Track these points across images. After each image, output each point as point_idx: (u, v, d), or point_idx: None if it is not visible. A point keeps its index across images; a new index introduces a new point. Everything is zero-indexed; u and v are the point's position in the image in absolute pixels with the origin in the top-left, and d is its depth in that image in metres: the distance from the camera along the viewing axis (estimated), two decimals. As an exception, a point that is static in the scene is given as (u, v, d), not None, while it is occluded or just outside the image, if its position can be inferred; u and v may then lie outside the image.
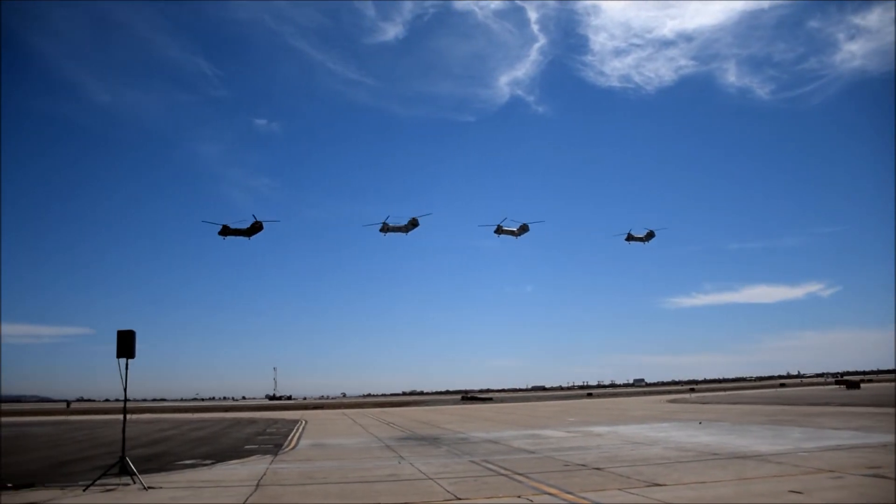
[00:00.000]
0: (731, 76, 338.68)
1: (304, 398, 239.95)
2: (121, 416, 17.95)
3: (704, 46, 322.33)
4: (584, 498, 12.53)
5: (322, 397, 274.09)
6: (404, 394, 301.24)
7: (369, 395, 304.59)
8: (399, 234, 59.00)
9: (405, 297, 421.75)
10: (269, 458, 22.13)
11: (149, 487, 14.98)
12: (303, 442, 28.94)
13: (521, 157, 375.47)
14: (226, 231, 54.24)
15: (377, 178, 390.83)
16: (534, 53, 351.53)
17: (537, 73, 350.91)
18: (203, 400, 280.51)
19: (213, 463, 20.95)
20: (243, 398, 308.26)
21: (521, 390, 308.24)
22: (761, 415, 36.98)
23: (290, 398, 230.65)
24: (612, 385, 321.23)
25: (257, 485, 15.43)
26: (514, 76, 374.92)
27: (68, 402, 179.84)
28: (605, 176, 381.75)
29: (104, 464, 19.32)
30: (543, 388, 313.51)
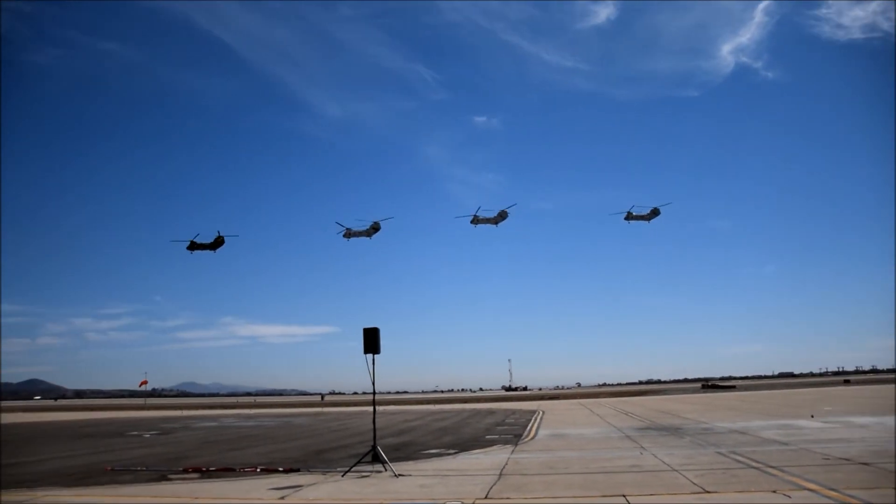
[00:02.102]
0: None
1: (540, 388, 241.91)
2: (368, 408, 18.98)
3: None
4: (851, 496, 11.34)
5: (557, 387, 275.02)
6: (640, 383, 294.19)
7: (605, 385, 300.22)
8: (363, 237, 58.76)
9: (639, 284, 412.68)
10: (509, 447, 22.43)
11: (399, 475, 15.71)
12: (542, 432, 29.06)
13: (754, 126, 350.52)
14: (193, 246, 57.13)
15: (602, 163, 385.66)
16: (758, 15, 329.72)
17: (764, 35, 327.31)
18: (442, 391, 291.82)
19: (456, 452, 21.61)
20: (480, 389, 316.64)
21: (766, 377, 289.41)
22: None
23: (525, 388, 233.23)
24: (874, 370, 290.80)
25: (500, 474, 15.64)
26: (737, 43, 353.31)
27: (322, 395, 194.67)
28: (851, 139, 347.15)
29: (357, 452, 20.59)
30: (792, 375, 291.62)
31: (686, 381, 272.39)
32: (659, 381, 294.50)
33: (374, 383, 17.40)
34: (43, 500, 13.60)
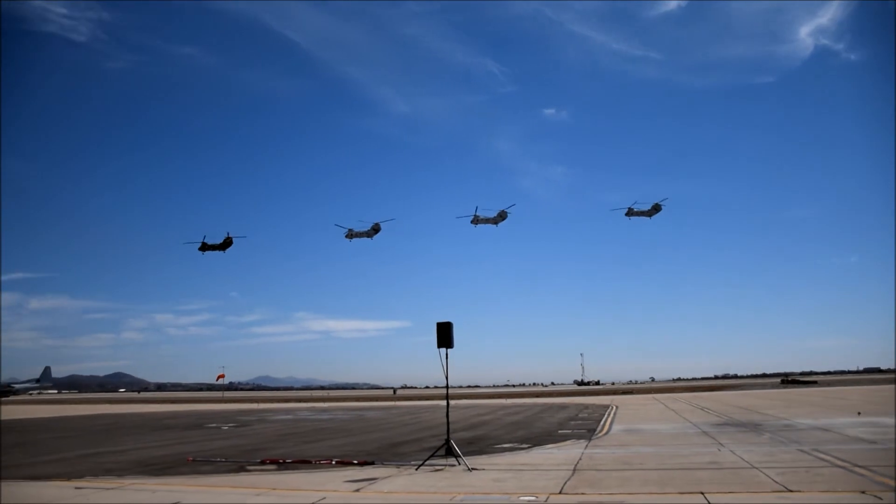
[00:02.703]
0: None
1: (612, 383, 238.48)
2: (440, 402, 19.07)
3: None
4: (949, 495, 10.84)
5: (630, 382, 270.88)
6: (716, 377, 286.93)
7: (679, 380, 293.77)
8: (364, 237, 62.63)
9: (715, 276, 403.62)
10: (583, 442, 22.24)
11: (472, 469, 15.74)
12: (615, 427, 28.71)
13: (836, 111, 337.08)
14: (204, 247, 60.53)
15: (674, 153, 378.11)
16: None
17: (844, 15, 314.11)
18: (514, 386, 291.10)
19: (529, 447, 21.53)
20: (552, 384, 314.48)
21: (850, 373, 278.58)
22: None
23: (598, 383, 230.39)
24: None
25: (574, 469, 15.51)
26: (816, 24, 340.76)
27: (394, 389, 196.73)
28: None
29: (430, 446, 20.71)
30: (878, 370, 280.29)
31: (764, 375, 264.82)
32: (735, 376, 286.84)
33: (447, 377, 17.48)
34: (130, 488, 14.13)
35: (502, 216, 60.22)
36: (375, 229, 62.29)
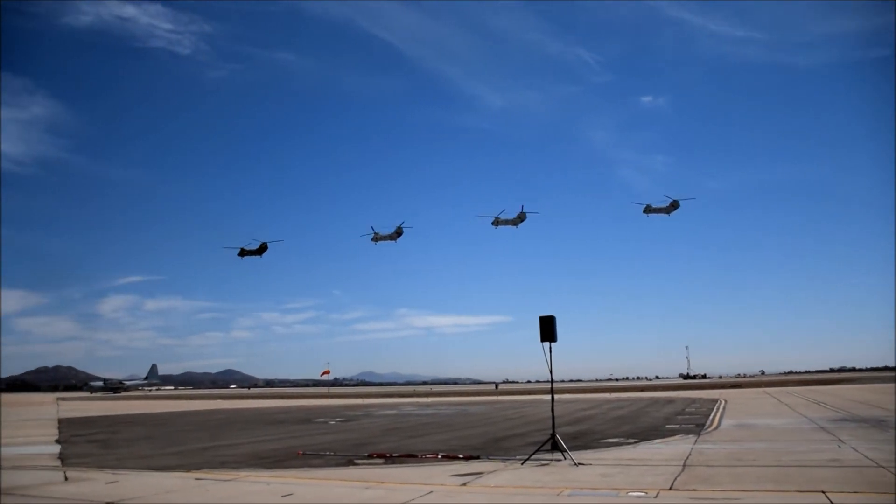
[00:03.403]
0: None
1: (720, 377, 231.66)
2: (542, 396, 18.97)
3: None
4: None
5: (738, 375, 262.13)
6: (832, 370, 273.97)
7: (791, 373, 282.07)
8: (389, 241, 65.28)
9: (826, 263, 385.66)
10: (691, 437, 21.67)
11: (579, 463, 15.59)
12: (725, 422, 27.86)
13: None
14: (242, 252, 64.55)
15: (781, 136, 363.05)
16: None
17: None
18: (617, 380, 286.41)
19: (636, 442, 21.15)
20: (656, 377, 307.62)
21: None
22: None
23: (704, 376, 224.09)
24: None
25: (684, 465, 15.13)
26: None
27: (496, 384, 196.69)
28: None
29: (535, 440, 20.63)
30: None
31: (886, 368, 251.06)
32: (853, 369, 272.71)
33: (551, 371, 17.36)
34: (246, 480, 14.68)
35: (521, 218, 61.87)
36: (398, 233, 64.94)
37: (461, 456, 18.10)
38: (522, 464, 16.05)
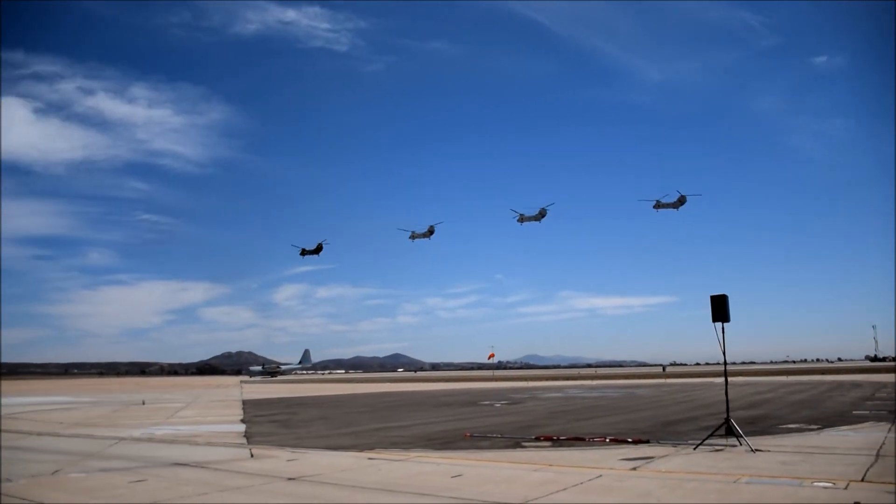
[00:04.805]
0: None
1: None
2: (713, 379, 18.20)
3: None
4: None
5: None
6: None
7: None
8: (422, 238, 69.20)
9: None
10: (884, 425, 20.02)
11: (756, 450, 14.81)
12: (922, 408, 25.63)
13: None
14: (303, 252, 71.44)
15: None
16: None
17: None
18: (793, 362, 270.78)
19: (819, 428, 19.85)
20: (838, 360, 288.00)
21: None
22: None
23: (895, 359, 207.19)
24: None
25: (877, 455, 13.96)
26: None
27: (664, 366, 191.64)
28: None
29: (707, 425, 19.88)
30: None
31: None
32: None
33: (724, 352, 16.60)
34: (416, 460, 15.08)
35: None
36: (431, 231, 68.61)
37: (630, 440, 17.71)
38: (695, 449, 15.48)
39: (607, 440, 17.91)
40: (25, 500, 10.89)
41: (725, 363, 17.00)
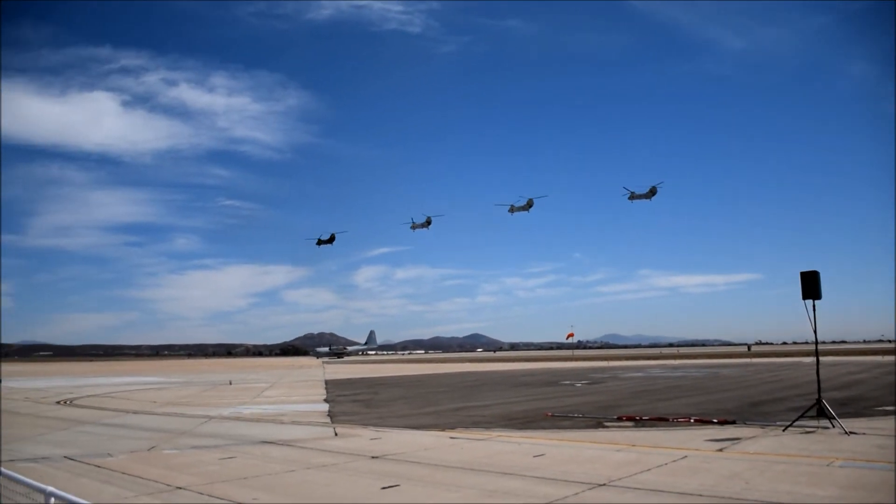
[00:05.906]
0: None
1: None
2: (801, 359, 17.61)
3: None
4: None
5: None
6: None
7: None
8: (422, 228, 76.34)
9: None
10: None
11: (850, 432, 14.29)
12: None
13: None
14: (319, 242, 78.24)
15: None
16: None
17: None
18: (890, 342, 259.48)
19: (917, 410, 19.02)
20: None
21: None
22: None
23: None
24: None
25: (981, 437, 13.31)
26: None
27: (748, 346, 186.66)
28: None
29: (795, 406, 19.30)
30: None
31: None
32: None
33: (815, 331, 16.04)
34: (497, 440, 15.16)
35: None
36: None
37: (715, 420, 17.36)
38: (784, 430, 15.05)
39: (692, 420, 17.61)
40: (126, 474, 11.44)
41: (817, 342, 16.43)
